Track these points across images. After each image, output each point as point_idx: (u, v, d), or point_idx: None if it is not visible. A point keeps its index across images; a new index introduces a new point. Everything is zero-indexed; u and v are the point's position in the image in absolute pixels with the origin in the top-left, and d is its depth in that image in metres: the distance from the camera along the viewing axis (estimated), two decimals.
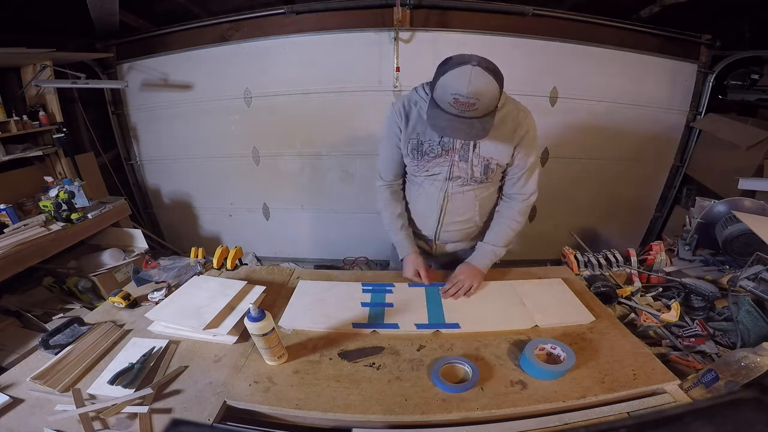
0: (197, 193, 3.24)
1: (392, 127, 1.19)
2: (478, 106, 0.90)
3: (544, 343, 0.90)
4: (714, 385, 0.76)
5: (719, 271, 1.34)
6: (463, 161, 1.14)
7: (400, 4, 2.32)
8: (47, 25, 2.32)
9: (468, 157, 1.13)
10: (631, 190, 3.04)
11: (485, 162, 1.14)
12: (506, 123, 1.09)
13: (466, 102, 0.89)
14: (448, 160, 1.15)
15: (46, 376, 0.84)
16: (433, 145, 1.14)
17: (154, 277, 1.29)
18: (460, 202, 1.23)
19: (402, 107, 1.16)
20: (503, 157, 1.14)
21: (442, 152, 1.14)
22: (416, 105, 1.14)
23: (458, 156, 1.14)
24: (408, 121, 1.15)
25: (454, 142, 1.12)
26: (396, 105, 1.19)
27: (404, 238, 1.31)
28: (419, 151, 1.16)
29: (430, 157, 1.16)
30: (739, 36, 2.48)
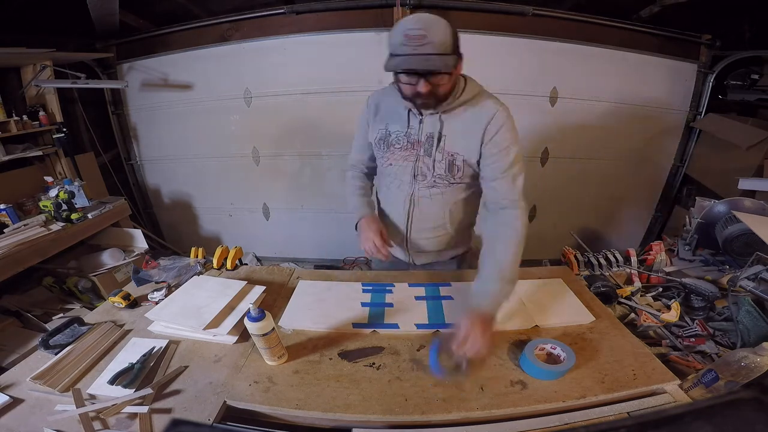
0: (197, 193, 3.24)
1: (364, 115, 1.22)
2: (429, 38, 0.86)
3: (544, 343, 0.90)
4: (714, 385, 0.76)
5: (719, 271, 1.33)
6: (427, 155, 1.10)
7: (400, 4, 2.32)
8: (47, 25, 2.32)
9: (431, 151, 1.08)
10: (631, 190, 3.04)
11: (449, 158, 1.07)
12: (478, 117, 1.02)
13: (417, 35, 0.87)
14: (413, 155, 1.11)
15: (46, 376, 0.84)
16: (399, 136, 1.12)
17: (154, 277, 1.29)
18: (427, 207, 1.17)
19: (373, 98, 1.20)
20: (470, 154, 1.05)
21: (407, 144, 1.11)
22: (387, 95, 1.15)
23: (423, 150, 1.10)
24: (377, 112, 1.17)
25: (419, 134, 1.08)
26: (370, 98, 1.22)
27: (362, 203, 1.28)
28: (386, 141, 1.15)
29: (396, 148, 1.13)
30: (739, 36, 2.48)
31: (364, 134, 1.23)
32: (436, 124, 1.06)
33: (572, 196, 2.96)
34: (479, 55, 2.48)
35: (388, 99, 1.15)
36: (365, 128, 1.22)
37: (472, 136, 1.03)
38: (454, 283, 1.22)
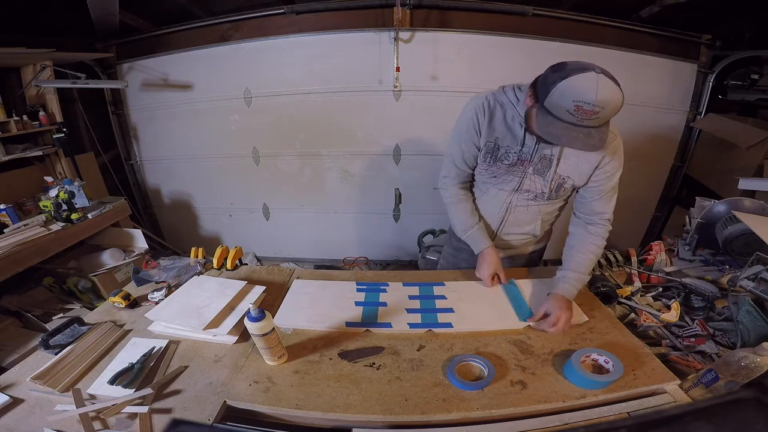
0: (197, 193, 3.24)
1: (473, 122, 1.10)
2: (600, 116, 0.82)
3: (590, 352, 0.88)
4: (714, 385, 0.76)
5: (719, 271, 1.33)
6: (538, 175, 1.10)
7: (400, 4, 2.32)
8: (47, 25, 2.33)
9: (544, 172, 1.09)
10: (631, 190, 3.03)
11: (560, 180, 1.10)
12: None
13: (591, 110, 0.81)
14: (520, 171, 1.11)
15: (46, 376, 0.84)
16: (509, 153, 1.09)
17: (154, 277, 1.29)
18: (523, 215, 1.22)
19: (486, 105, 1.08)
20: (580, 179, 1.09)
21: (517, 162, 1.09)
22: (502, 107, 1.07)
23: (533, 169, 1.09)
24: (491, 120, 1.08)
25: (532, 155, 1.07)
26: (478, 100, 1.10)
27: (480, 230, 1.23)
28: (494, 156, 1.11)
29: (503, 164, 1.11)
30: (739, 36, 2.48)
31: (472, 139, 1.13)
32: (554, 148, 1.05)
33: (572, 196, 2.96)
34: (479, 55, 2.50)
35: (501, 112, 1.08)
36: (473, 132, 1.11)
37: (587, 163, 1.06)
38: (448, 283, 1.22)
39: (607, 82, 0.81)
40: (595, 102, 0.80)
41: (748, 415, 0.30)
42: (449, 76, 2.53)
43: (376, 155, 2.84)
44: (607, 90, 0.81)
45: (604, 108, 0.81)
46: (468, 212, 1.24)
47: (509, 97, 1.06)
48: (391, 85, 2.57)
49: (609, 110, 0.82)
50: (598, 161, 1.05)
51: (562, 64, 0.87)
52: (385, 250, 3.21)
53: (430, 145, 2.73)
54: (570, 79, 0.82)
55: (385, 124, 2.72)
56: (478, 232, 1.23)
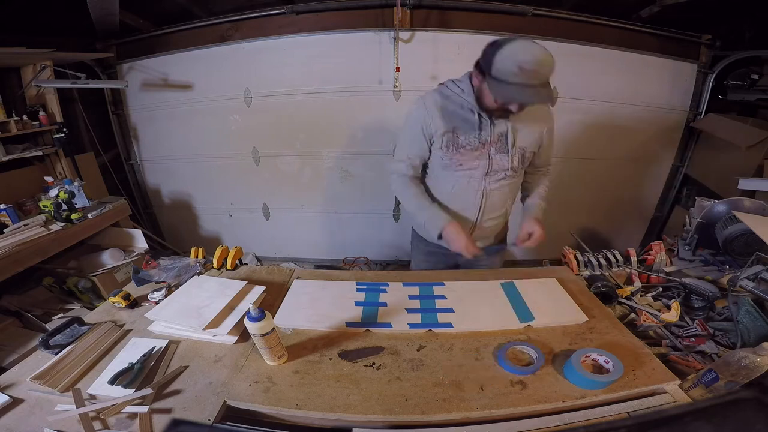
0: (197, 193, 3.24)
1: (421, 121, 1.20)
2: (541, 73, 0.95)
3: (590, 352, 0.88)
4: (714, 385, 0.76)
5: (719, 271, 1.33)
6: (501, 153, 1.18)
7: (400, 4, 2.32)
8: (47, 25, 2.33)
9: (506, 148, 1.18)
10: (631, 190, 3.05)
11: (521, 152, 1.21)
12: (535, 112, 1.17)
13: (531, 69, 0.93)
14: (484, 154, 1.18)
15: (46, 376, 0.84)
16: (469, 138, 1.16)
17: (154, 277, 1.29)
18: (497, 197, 1.28)
19: (434, 102, 1.18)
20: (534, 146, 1.24)
21: (478, 145, 1.17)
22: (449, 99, 1.17)
23: (494, 149, 1.18)
24: (443, 114, 1.17)
25: (491, 135, 1.16)
26: (426, 99, 1.20)
27: (438, 210, 1.26)
28: (455, 144, 1.18)
29: (466, 149, 1.17)
30: (739, 36, 2.48)
31: (420, 137, 1.22)
32: (505, 124, 1.16)
33: (572, 196, 2.96)
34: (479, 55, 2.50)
35: (450, 102, 1.18)
36: (422, 130, 1.21)
37: (536, 132, 1.22)
38: (448, 283, 1.22)
39: (536, 45, 0.95)
40: (533, 60, 0.93)
41: (748, 415, 0.30)
42: (449, 76, 2.47)
43: (376, 155, 2.84)
44: (539, 50, 0.94)
45: (542, 65, 0.94)
46: (421, 194, 1.30)
47: (452, 89, 1.17)
48: (391, 85, 2.57)
49: (546, 67, 0.95)
50: (544, 128, 1.23)
51: (494, 41, 1.01)
52: (385, 250, 3.21)
53: None
54: (506, 47, 0.96)
55: (385, 124, 2.72)
56: (437, 209, 1.27)
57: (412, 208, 1.30)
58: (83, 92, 2.77)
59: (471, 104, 1.14)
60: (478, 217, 1.31)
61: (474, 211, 1.30)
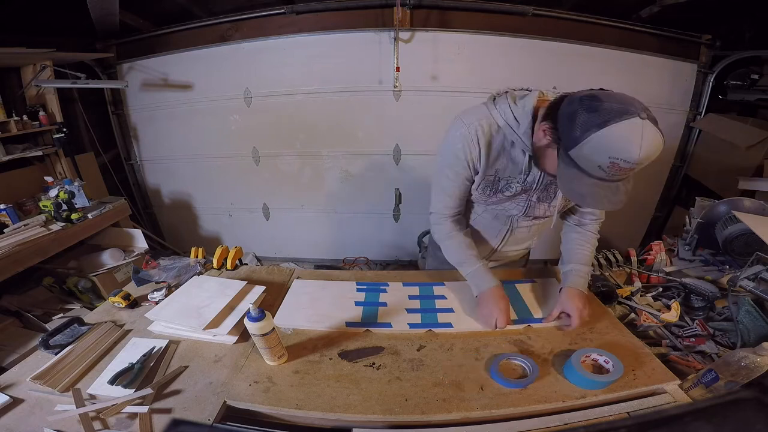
0: (197, 193, 3.24)
1: (463, 156, 0.96)
2: (636, 170, 0.69)
3: (590, 352, 0.88)
4: (714, 385, 0.76)
5: (719, 271, 1.33)
6: (543, 202, 1.04)
7: (400, 4, 2.32)
8: (47, 25, 2.33)
9: (550, 198, 1.03)
10: (631, 190, 3.04)
11: (566, 202, 1.07)
12: None
13: (628, 168, 0.67)
14: (524, 199, 1.04)
15: (46, 376, 0.84)
16: (511, 183, 0.98)
17: (154, 277, 1.29)
18: (524, 234, 1.18)
19: (479, 134, 0.92)
20: None
21: (519, 191, 1.00)
22: (498, 132, 0.93)
23: (537, 197, 1.03)
24: (489, 152, 0.94)
25: (538, 182, 0.97)
26: (470, 128, 0.93)
27: (483, 268, 1.07)
28: (494, 188, 1.01)
29: (504, 195, 1.02)
30: (739, 36, 2.48)
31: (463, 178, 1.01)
32: None
33: None
34: (479, 55, 2.50)
35: (498, 137, 0.94)
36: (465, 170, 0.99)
37: None
38: (448, 283, 1.22)
39: (651, 129, 0.65)
40: (638, 160, 0.65)
41: (748, 415, 0.30)
42: (449, 76, 2.53)
43: (376, 155, 2.84)
44: (651, 142, 0.65)
45: (643, 163, 0.67)
46: (466, 247, 1.10)
47: (505, 118, 0.90)
48: (391, 85, 2.57)
49: (648, 162, 0.68)
50: None
51: (597, 99, 0.69)
52: (385, 250, 3.21)
53: (430, 145, 2.73)
54: (609, 128, 0.65)
55: (385, 124, 2.72)
56: (483, 269, 1.06)
57: (454, 259, 1.12)
58: (83, 92, 2.77)
59: (524, 144, 0.89)
60: (499, 246, 1.22)
61: (496, 240, 1.20)
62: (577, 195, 0.78)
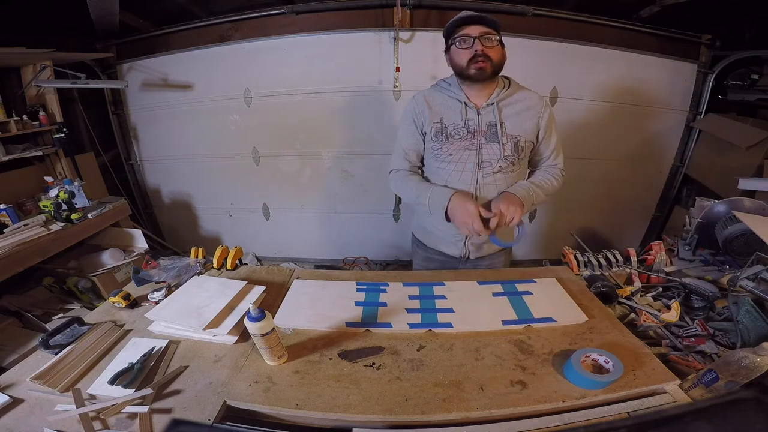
0: (197, 193, 3.24)
1: (413, 115, 1.25)
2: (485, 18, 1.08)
3: (590, 352, 0.88)
4: (714, 385, 0.76)
5: (719, 271, 1.33)
6: (492, 142, 1.18)
7: (400, 4, 2.32)
8: (47, 25, 2.33)
9: (496, 136, 1.17)
10: (631, 190, 3.05)
11: (514, 140, 1.19)
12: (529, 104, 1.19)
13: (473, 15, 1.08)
14: (474, 144, 1.18)
15: (46, 376, 0.84)
16: (457, 128, 1.18)
17: (154, 277, 1.29)
18: (492, 191, 1.23)
19: (423, 97, 1.24)
20: (530, 135, 1.21)
21: (467, 135, 1.18)
22: (438, 92, 1.24)
23: (485, 138, 1.18)
24: (430, 107, 1.22)
25: (479, 123, 1.17)
26: (417, 97, 1.26)
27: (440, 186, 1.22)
28: (444, 133, 1.20)
29: (455, 139, 1.19)
30: (739, 36, 2.48)
31: (413, 128, 1.26)
32: (494, 113, 1.17)
33: (572, 196, 2.96)
34: None
35: (438, 95, 1.23)
36: (415, 124, 1.25)
37: (529, 120, 1.20)
38: (448, 283, 1.22)
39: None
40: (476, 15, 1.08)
41: (748, 415, 0.30)
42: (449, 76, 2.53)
43: (376, 155, 2.84)
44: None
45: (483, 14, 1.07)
46: (419, 180, 1.29)
47: (441, 85, 1.24)
48: (391, 85, 2.57)
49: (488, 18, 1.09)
50: (538, 115, 1.20)
51: None
52: (385, 250, 3.21)
53: None
54: None
55: (385, 124, 2.72)
56: (440, 188, 1.21)
57: (413, 194, 1.25)
58: (83, 92, 2.77)
59: (457, 94, 1.19)
60: None
61: None
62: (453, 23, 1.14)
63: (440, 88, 1.24)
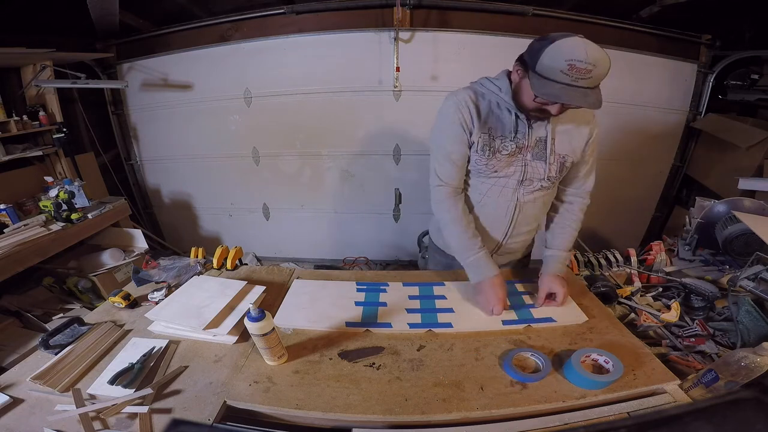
0: (197, 193, 3.24)
1: (458, 120, 1.05)
2: (593, 74, 0.84)
3: (590, 352, 0.88)
4: (714, 385, 0.76)
5: (719, 271, 1.34)
6: (538, 160, 1.07)
7: (400, 4, 2.32)
8: (47, 25, 2.33)
9: (544, 155, 1.06)
10: (631, 190, 3.05)
11: (561, 160, 1.09)
12: (578, 118, 1.07)
13: (584, 68, 0.83)
14: (520, 159, 1.07)
15: (46, 376, 0.84)
16: (505, 142, 1.05)
17: (154, 277, 1.29)
18: (531, 210, 1.16)
19: (469, 98, 1.05)
20: (577, 154, 1.10)
21: (515, 149, 1.06)
22: (484, 98, 1.07)
23: (531, 155, 1.07)
24: (478, 112, 1.05)
25: (528, 138, 1.05)
26: (460, 96, 1.06)
27: (485, 256, 1.10)
28: (491, 148, 1.06)
29: (502, 155, 1.06)
30: (739, 36, 2.48)
31: (461, 133, 1.07)
32: (546, 128, 1.05)
33: None
34: (479, 55, 2.49)
35: (485, 100, 1.07)
36: (462, 126, 1.06)
37: (578, 139, 1.09)
38: (448, 283, 1.22)
39: (592, 44, 0.85)
40: (587, 59, 0.82)
41: (748, 415, 0.30)
42: (449, 76, 2.53)
43: (376, 155, 2.84)
44: (595, 49, 0.84)
45: (596, 66, 0.83)
46: (470, 234, 1.12)
47: (489, 87, 1.06)
48: (391, 85, 2.57)
49: (600, 68, 0.84)
50: (588, 134, 1.09)
51: (543, 36, 0.90)
52: (385, 250, 3.21)
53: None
54: (558, 42, 0.85)
55: (385, 124, 2.72)
56: (485, 258, 1.10)
57: (453, 241, 1.15)
58: (83, 92, 2.77)
59: (508, 103, 1.03)
60: (509, 231, 1.20)
61: (505, 224, 1.19)
62: (552, 95, 0.88)
63: (488, 92, 1.06)
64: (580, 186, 1.18)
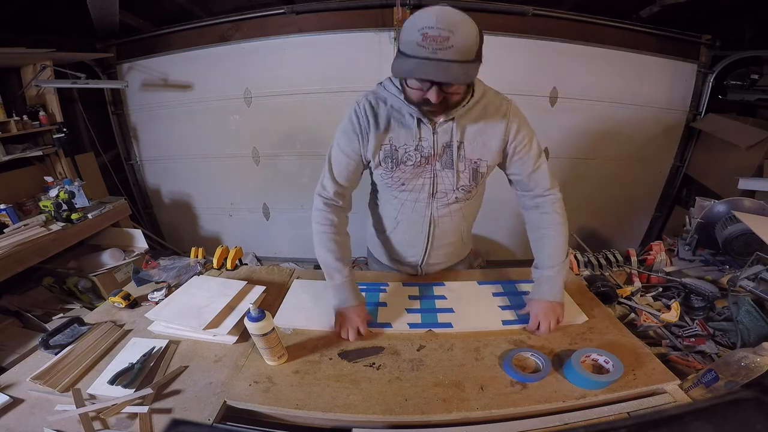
0: (197, 193, 3.24)
1: (350, 129, 0.97)
2: (452, 42, 0.71)
3: (590, 352, 0.88)
4: (714, 385, 0.76)
5: (719, 271, 1.33)
6: (447, 168, 0.97)
7: (400, 4, 2.32)
8: (47, 25, 2.32)
9: (452, 162, 0.95)
10: (631, 190, 3.04)
11: (474, 165, 0.97)
12: (489, 114, 0.94)
13: (437, 35, 0.71)
14: (428, 170, 0.98)
15: (46, 376, 0.84)
16: (409, 151, 0.95)
17: (154, 277, 1.29)
18: (448, 225, 1.09)
19: (366, 106, 0.95)
20: (493, 157, 0.98)
21: (420, 159, 0.95)
22: (386, 102, 0.95)
23: (440, 164, 0.97)
24: (377, 121, 0.95)
25: (434, 145, 0.94)
26: (358, 104, 0.97)
27: (349, 284, 1.03)
28: (393, 159, 0.96)
29: (407, 166, 0.97)
30: (739, 36, 2.48)
31: (353, 152, 0.99)
32: (452, 133, 0.93)
33: (572, 196, 2.94)
34: None
35: (386, 107, 0.95)
36: (355, 144, 0.98)
37: (493, 139, 0.96)
38: (448, 282, 1.22)
39: (450, 9, 0.74)
40: (437, 25, 0.70)
41: (748, 415, 0.30)
42: None
43: None
44: (450, 13, 0.73)
45: (453, 33, 0.71)
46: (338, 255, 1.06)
47: (390, 90, 0.93)
48: None
49: (460, 36, 0.72)
50: (504, 131, 0.95)
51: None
52: None
53: None
54: (413, 14, 0.76)
55: None
56: (349, 286, 1.03)
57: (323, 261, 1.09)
58: (83, 92, 2.77)
59: (410, 108, 0.91)
60: (427, 249, 1.15)
61: (421, 242, 1.13)
62: (406, 71, 0.79)
63: (389, 95, 0.94)
64: (535, 187, 1.03)
